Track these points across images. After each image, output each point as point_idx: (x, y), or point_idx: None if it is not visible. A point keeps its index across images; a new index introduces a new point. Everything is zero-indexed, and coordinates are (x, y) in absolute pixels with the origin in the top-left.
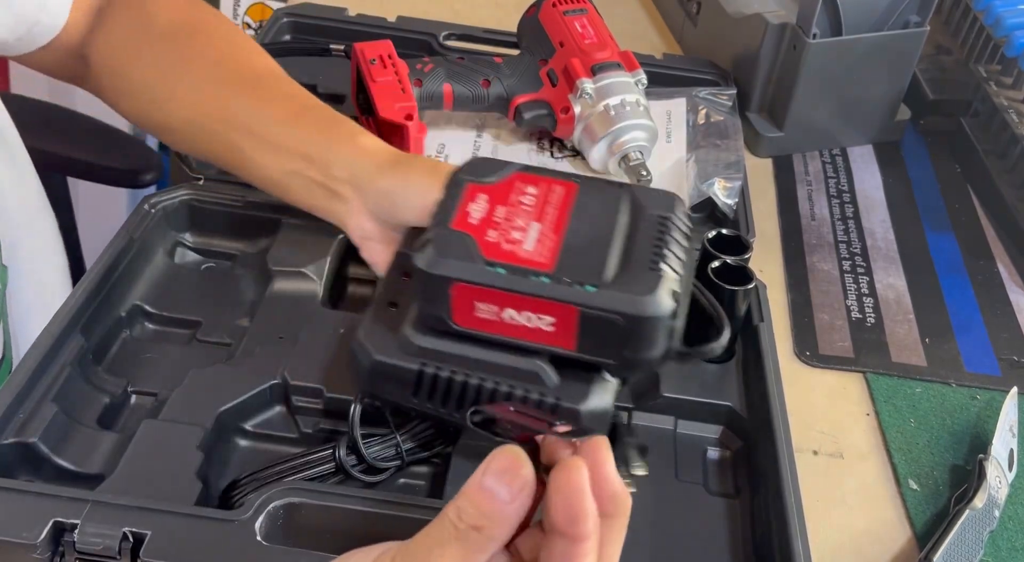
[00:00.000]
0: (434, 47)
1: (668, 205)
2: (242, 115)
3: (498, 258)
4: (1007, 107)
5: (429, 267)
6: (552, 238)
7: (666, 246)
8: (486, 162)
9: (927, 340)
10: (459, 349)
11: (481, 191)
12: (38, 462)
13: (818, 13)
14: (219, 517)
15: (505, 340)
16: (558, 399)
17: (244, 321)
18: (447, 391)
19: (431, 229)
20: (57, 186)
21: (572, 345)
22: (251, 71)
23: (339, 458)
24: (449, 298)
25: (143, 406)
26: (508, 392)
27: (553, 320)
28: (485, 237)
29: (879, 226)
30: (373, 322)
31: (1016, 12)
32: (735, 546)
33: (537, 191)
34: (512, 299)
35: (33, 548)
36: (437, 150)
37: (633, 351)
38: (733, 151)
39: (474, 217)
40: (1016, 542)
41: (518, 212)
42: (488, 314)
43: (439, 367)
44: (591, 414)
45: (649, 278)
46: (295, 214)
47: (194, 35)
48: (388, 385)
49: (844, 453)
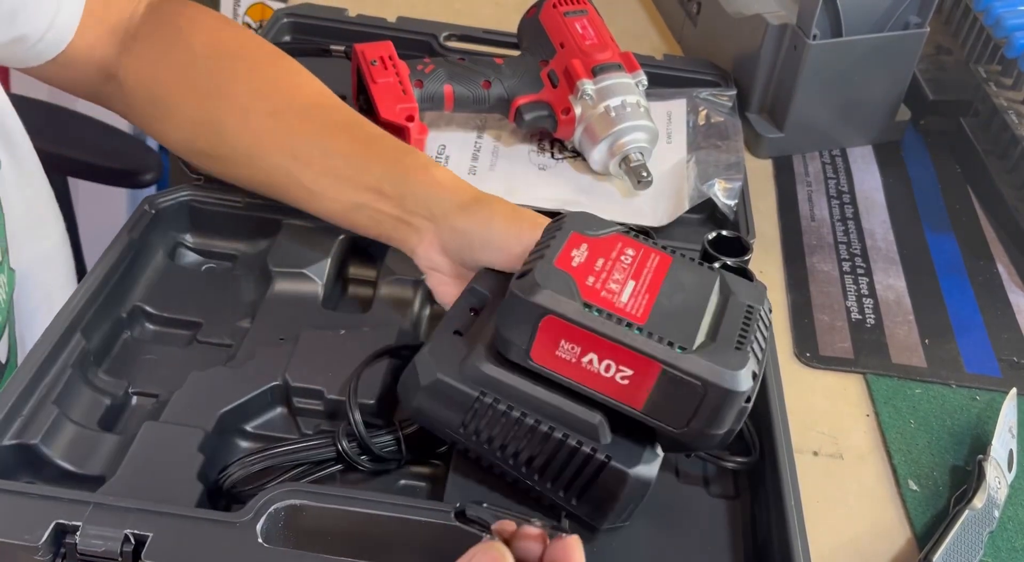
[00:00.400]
0: (434, 48)
1: (758, 297)
2: (303, 148)
3: (595, 302)
4: (1007, 107)
5: (526, 294)
6: (646, 297)
7: (752, 333)
8: (590, 217)
9: (927, 341)
10: (523, 385)
11: (584, 241)
12: (39, 464)
13: (818, 14)
14: (220, 519)
15: (573, 385)
16: (609, 457)
17: (245, 322)
18: (499, 425)
19: (532, 262)
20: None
21: (640, 404)
22: (304, 98)
23: (341, 447)
24: (536, 330)
25: (144, 407)
26: (560, 439)
27: (631, 373)
28: (585, 281)
29: (879, 227)
30: (439, 343)
31: (1016, 13)
32: (735, 547)
33: (635, 253)
34: (599, 343)
35: (35, 550)
36: (438, 151)
37: (702, 423)
38: (733, 152)
39: (576, 261)
40: (1016, 542)
41: (616, 267)
42: (568, 355)
43: (497, 399)
44: (637, 480)
45: (736, 355)
46: (296, 215)
47: (236, 60)
48: (440, 408)
49: (844, 454)
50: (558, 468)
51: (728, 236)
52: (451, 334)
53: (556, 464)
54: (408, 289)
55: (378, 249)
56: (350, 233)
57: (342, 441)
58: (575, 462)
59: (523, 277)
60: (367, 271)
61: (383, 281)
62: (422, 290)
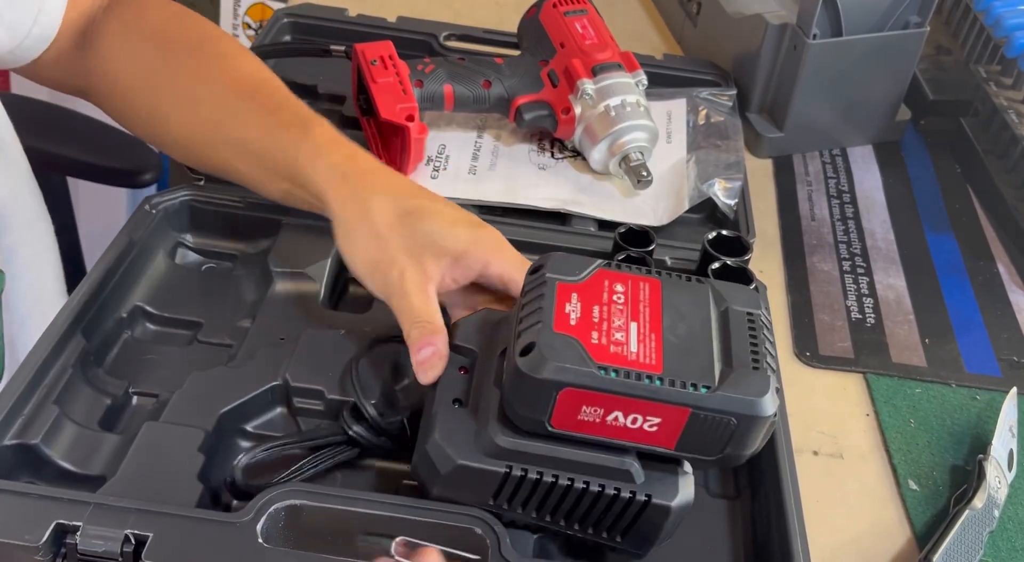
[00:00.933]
0: (434, 48)
1: (753, 301)
2: (228, 139)
3: (608, 361)
4: (1007, 107)
5: (537, 372)
6: (652, 338)
7: (762, 344)
8: (567, 259)
9: (927, 340)
10: (547, 449)
11: (572, 290)
12: (40, 464)
13: (818, 13)
14: (221, 519)
15: (600, 441)
16: (649, 496)
17: (245, 322)
18: (532, 493)
19: (530, 330)
20: (57, 186)
21: (671, 444)
22: (231, 86)
23: (352, 432)
24: (553, 402)
25: (144, 407)
26: (598, 491)
27: (659, 421)
28: (590, 340)
29: (879, 226)
30: (445, 422)
31: (1016, 13)
32: (735, 547)
33: (624, 289)
34: (624, 403)
35: (35, 550)
36: (438, 151)
37: (736, 448)
38: (733, 151)
39: (573, 318)
40: (1016, 542)
41: (613, 311)
42: (591, 417)
43: (525, 469)
44: (680, 509)
45: (757, 378)
46: (296, 215)
47: (182, 49)
48: (466, 490)
49: (844, 453)
50: (599, 515)
51: (728, 236)
52: (452, 406)
53: (596, 512)
54: None
55: None
56: None
57: (352, 426)
58: (616, 507)
59: (527, 352)
60: None
61: None
62: None
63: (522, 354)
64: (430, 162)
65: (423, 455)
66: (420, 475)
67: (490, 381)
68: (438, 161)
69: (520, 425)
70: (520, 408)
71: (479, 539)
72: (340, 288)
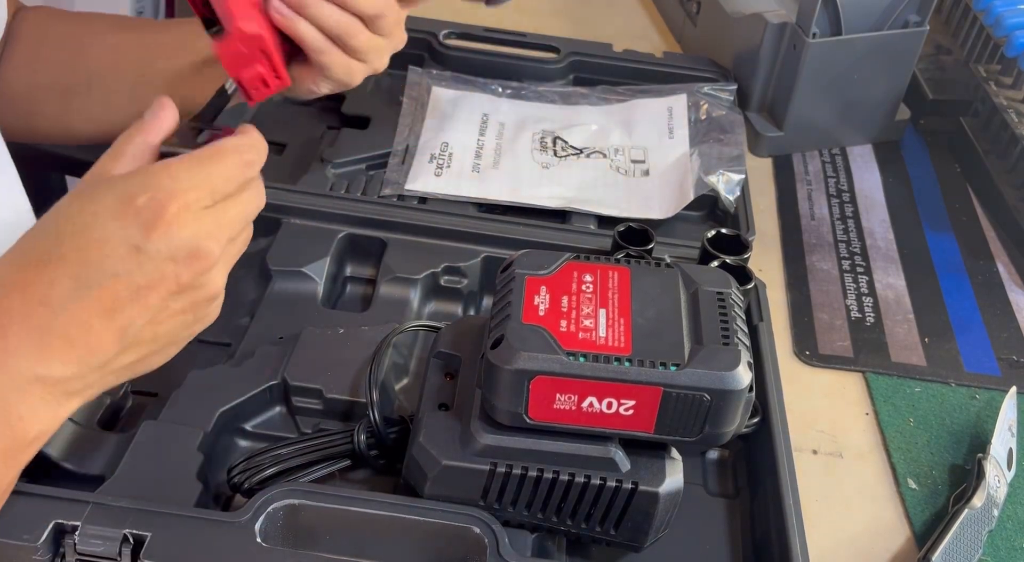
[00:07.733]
0: (434, 46)
1: (723, 280)
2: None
3: (577, 347)
4: (1007, 107)
5: (507, 363)
6: (621, 322)
7: (732, 321)
8: (537, 254)
9: (927, 340)
10: (529, 444)
11: (541, 283)
12: (38, 463)
13: (818, 12)
14: (219, 519)
15: (579, 430)
16: (636, 484)
17: (244, 321)
18: (519, 487)
19: (499, 324)
20: (57, 186)
21: (650, 427)
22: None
23: (357, 442)
24: (527, 392)
25: (143, 407)
26: (584, 482)
27: (634, 404)
28: (559, 328)
29: (879, 226)
30: (430, 426)
31: (1016, 12)
32: (734, 546)
33: (593, 278)
34: (594, 387)
35: (34, 550)
36: (441, 149)
37: (715, 426)
38: (735, 145)
39: (542, 309)
40: (1015, 542)
41: (582, 300)
42: (567, 405)
43: (510, 465)
44: (668, 495)
45: (727, 353)
46: (295, 214)
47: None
48: (455, 489)
49: (843, 452)
50: (588, 507)
51: (728, 234)
52: (437, 410)
53: (585, 504)
54: (408, 288)
55: (377, 248)
56: (350, 232)
57: (360, 436)
58: (604, 498)
59: (497, 345)
60: (366, 270)
61: (382, 280)
62: (421, 289)
63: (492, 347)
64: (433, 160)
65: (411, 459)
66: (410, 479)
67: (473, 383)
68: (441, 159)
69: (501, 421)
70: (497, 402)
71: (477, 538)
72: (339, 287)
